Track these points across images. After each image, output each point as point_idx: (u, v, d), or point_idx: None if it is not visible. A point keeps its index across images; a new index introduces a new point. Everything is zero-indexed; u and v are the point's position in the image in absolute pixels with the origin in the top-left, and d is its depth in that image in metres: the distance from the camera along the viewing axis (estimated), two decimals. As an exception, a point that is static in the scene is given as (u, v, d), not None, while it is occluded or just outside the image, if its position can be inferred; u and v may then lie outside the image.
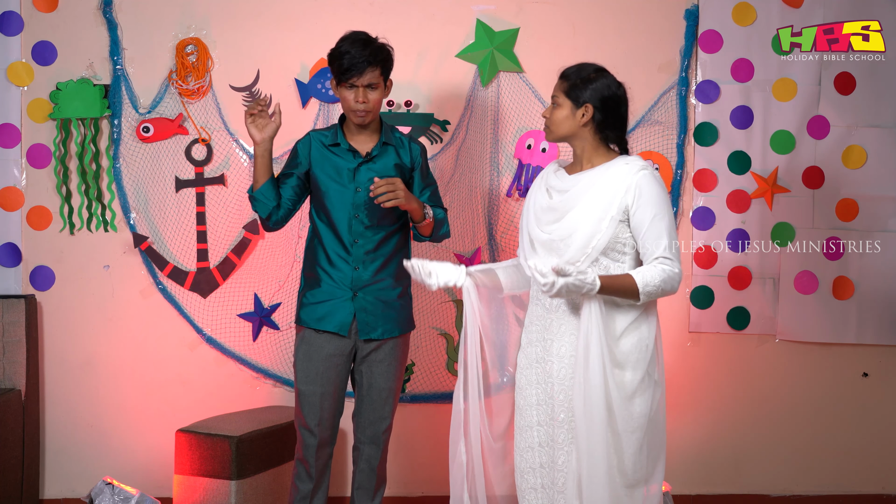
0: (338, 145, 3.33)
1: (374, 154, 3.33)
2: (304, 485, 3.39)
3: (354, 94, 3.24)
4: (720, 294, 4.31)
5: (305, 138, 3.40)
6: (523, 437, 3.00)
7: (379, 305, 3.34)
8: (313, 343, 3.32)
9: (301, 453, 3.37)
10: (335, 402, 3.36)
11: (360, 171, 3.31)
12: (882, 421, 4.36)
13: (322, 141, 3.36)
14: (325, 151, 3.34)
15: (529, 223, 3.00)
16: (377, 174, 3.30)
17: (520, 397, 3.02)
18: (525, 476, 3.00)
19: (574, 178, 2.94)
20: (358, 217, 3.30)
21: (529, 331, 3.01)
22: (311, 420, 3.32)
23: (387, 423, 3.40)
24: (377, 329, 3.33)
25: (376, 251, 3.33)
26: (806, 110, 4.28)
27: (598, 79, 2.92)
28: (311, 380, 3.32)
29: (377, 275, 3.33)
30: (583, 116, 2.92)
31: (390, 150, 3.36)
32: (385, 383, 3.37)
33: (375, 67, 3.24)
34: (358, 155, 3.32)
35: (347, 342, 3.33)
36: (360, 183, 3.30)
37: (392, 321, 3.36)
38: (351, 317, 3.31)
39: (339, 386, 3.36)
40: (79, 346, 4.22)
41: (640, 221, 2.84)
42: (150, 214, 4.21)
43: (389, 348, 3.36)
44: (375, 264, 3.33)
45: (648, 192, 2.83)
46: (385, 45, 3.30)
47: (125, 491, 3.82)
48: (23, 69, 4.17)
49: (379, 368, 3.35)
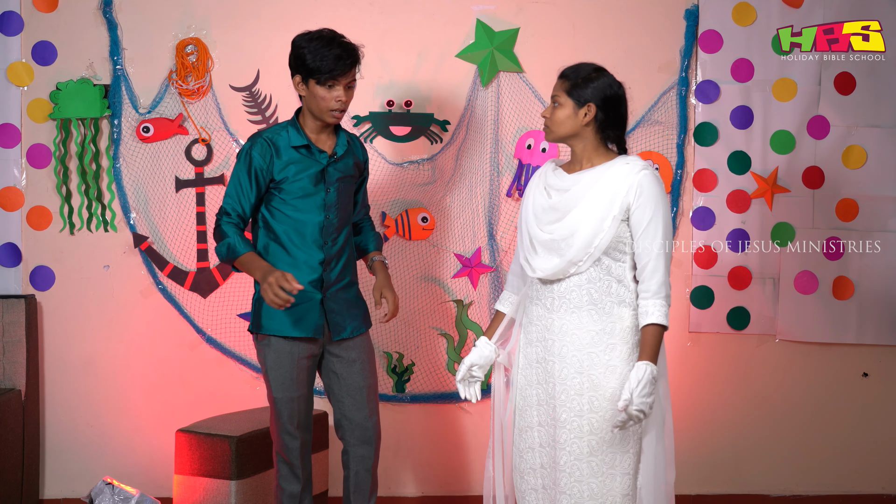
0: (307, 147, 3.23)
1: (339, 154, 3.28)
2: (291, 485, 3.35)
3: (336, 93, 3.16)
4: (720, 294, 4.31)
5: (261, 142, 3.20)
6: (523, 438, 3.00)
7: (344, 304, 3.31)
8: (282, 349, 3.24)
9: (285, 456, 3.32)
10: (309, 401, 3.34)
11: (328, 171, 3.25)
12: (882, 421, 4.36)
13: (283, 142, 3.22)
14: (288, 153, 3.22)
15: (529, 223, 2.99)
16: (342, 173, 3.28)
17: (520, 398, 3.02)
18: (525, 477, 3.00)
19: (574, 177, 2.94)
20: (328, 218, 3.25)
21: (529, 331, 3.00)
22: (291, 424, 3.29)
23: (376, 419, 3.37)
24: (346, 328, 3.31)
25: (342, 250, 3.31)
26: (806, 110, 4.28)
27: (598, 78, 2.92)
28: (286, 387, 3.26)
29: (341, 273, 3.31)
30: (585, 116, 2.91)
31: (349, 148, 3.34)
32: (364, 380, 3.33)
33: (355, 66, 3.20)
34: (325, 155, 3.25)
35: (316, 345, 3.29)
36: (330, 183, 3.25)
37: (357, 318, 3.35)
38: (322, 319, 3.26)
39: (311, 385, 3.33)
40: (79, 346, 4.22)
41: (639, 220, 2.85)
42: (150, 214, 4.21)
43: (358, 346, 3.34)
44: (340, 263, 3.30)
45: (649, 192, 2.84)
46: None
47: (125, 491, 3.81)
48: (23, 69, 4.17)
49: (354, 367, 3.32)
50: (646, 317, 2.83)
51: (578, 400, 2.87)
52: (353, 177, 3.34)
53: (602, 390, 2.85)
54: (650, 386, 2.75)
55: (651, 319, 2.82)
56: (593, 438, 2.85)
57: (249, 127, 4.20)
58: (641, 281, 2.86)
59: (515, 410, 3.03)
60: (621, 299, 2.89)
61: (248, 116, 4.21)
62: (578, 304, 2.89)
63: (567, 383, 2.88)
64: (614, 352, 2.86)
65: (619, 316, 2.88)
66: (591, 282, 2.88)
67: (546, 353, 2.93)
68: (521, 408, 3.01)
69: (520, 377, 3.02)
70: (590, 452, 2.85)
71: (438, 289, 4.27)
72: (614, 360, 2.86)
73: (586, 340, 2.87)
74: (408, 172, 4.24)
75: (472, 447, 4.28)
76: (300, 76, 3.19)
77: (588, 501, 2.85)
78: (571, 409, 2.87)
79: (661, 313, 2.82)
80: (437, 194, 4.25)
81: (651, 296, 2.84)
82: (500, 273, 4.26)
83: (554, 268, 2.89)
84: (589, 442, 2.85)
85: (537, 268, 2.93)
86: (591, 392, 2.86)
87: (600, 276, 2.88)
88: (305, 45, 3.17)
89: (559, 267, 2.88)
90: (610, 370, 2.85)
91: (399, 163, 4.23)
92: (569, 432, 2.87)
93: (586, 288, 2.88)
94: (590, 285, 2.88)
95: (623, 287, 2.89)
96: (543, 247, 2.94)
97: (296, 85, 3.21)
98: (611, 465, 2.85)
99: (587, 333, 2.88)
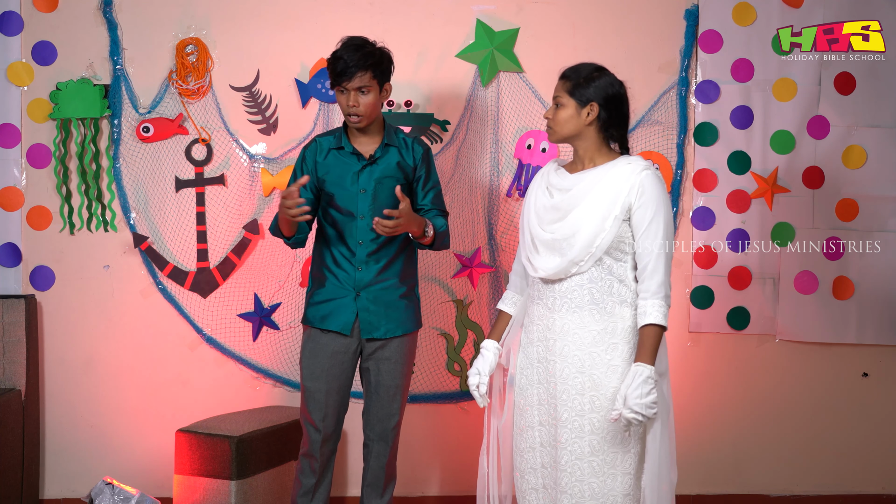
0: (342, 149, 3.37)
1: (376, 156, 3.36)
2: (307, 479, 3.44)
3: (346, 98, 3.26)
4: (720, 294, 4.31)
5: (312, 144, 3.43)
6: (524, 438, 3.00)
7: (381, 305, 3.37)
8: (319, 341, 3.38)
9: (307, 448, 3.42)
10: (339, 398, 3.40)
11: (363, 173, 3.34)
12: (882, 421, 4.36)
13: (327, 145, 3.40)
14: (331, 155, 3.37)
15: (531, 222, 2.99)
16: (380, 175, 3.35)
17: (520, 397, 3.02)
18: (526, 477, 3.00)
19: (577, 176, 2.94)
20: (364, 219, 3.33)
21: (530, 330, 3.01)
22: (315, 416, 3.37)
23: (395, 420, 3.43)
24: (380, 328, 3.37)
25: (378, 252, 3.36)
26: (806, 110, 4.28)
27: (600, 77, 2.93)
28: (315, 376, 3.36)
29: (380, 275, 3.36)
30: (588, 115, 2.92)
31: (392, 150, 3.39)
32: (392, 381, 3.40)
33: (366, 71, 3.23)
34: (361, 157, 3.35)
35: (352, 341, 3.38)
36: (364, 185, 3.33)
37: (395, 321, 3.39)
38: (353, 316, 3.35)
39: (344, 383, 3.40)
40: (79, 346, 4.22)
41: (640, 220, 2.85)
42: (150, 214, 4.21)
43: (395, 346, 3.40)
44: (378, 265, 3.36)
45: (651, 192, 2.85)
46: (381, 49, 3.30)
47: (125, 491, 3.81)
48: (23, 69, 4.17)
49: (386, 366, 3.39)
50: (644, 317, 2.83)
51: (580, 399, 2.87)
52: (394, 178, 3.37)
53: (603, 390, 2.85)
54: (646, 387, 2.75)
55: (650, 320, 2.82)
56: (594, 438, 2.85)
57: (249, 127, 4.20)
58: (641, 281, 2.86)
59: (515, 410, 3.04)
60: (623, 299, 2.89)
61: (248, 116, 4.21)
62: (580, 303, 2.89)
63: (568, 383, 2.88)
64: (616, 351, 2.86)
65: (620, 315, 2.88)
66: (592, 281, 2.88)
67: (547, 353, 2.93)
68: (521, 407, 3.01)
69: (520, 376, 3.03)
70: (591, 452, 2.86)
71: (438, 289, 4.27)
72: (616, 359, 2.86)
73: (588, 340, 2.87)
74: (408, 172, 4.24)
75: (472, 447, 4.27)
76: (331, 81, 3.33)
77: (589, 501, 2.85)
78: (573, 408, 2.87)
79: (660, 314, 2.82)
80: (437, 194, 4.25)
81: (650, 296, 2.84)
82: (500, 273, 4.26)
83: (555, 267, 2.89)
84: (590, 441, 2.86)
85: (539, 267, 2.93)
86: (593, 392, 2.86)
87: (602, 275, 2.88)
88: (334, 51, 3.30)
89: (561, 266, 2.88)
90: (612, 370, 2.86)
91: (399, 163, 4.24)
92: (570, 431, 2.87)
93: (588, 287, 2.88)
94: (591, 285, 2.88)
95: (624, 287, 2.89)
96: (545, 246, 2.94)
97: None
98: (612, 465, 2.85)
99: (589, 333, 2.88)
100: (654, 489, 2.88)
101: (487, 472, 3.11)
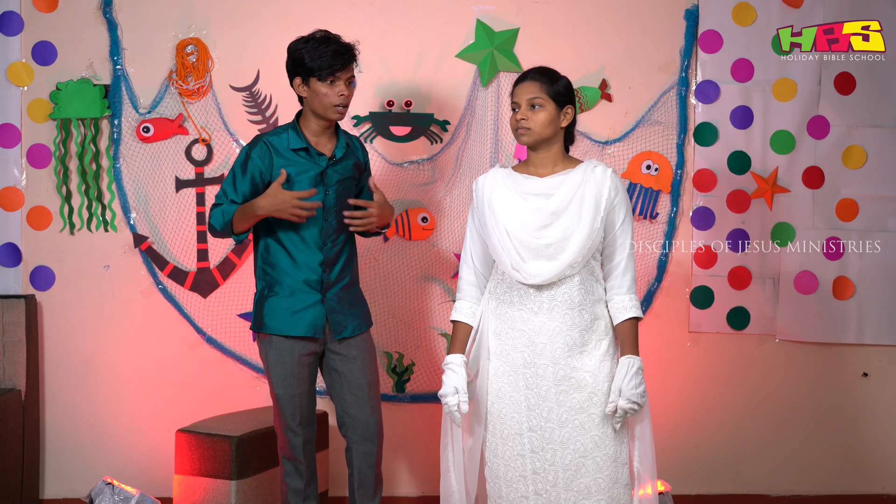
0: (305, 149, 3.26)
1: (338, 156, 3.31)
2: (295, 482, 3.41)
3: (338, 89, 3.20)
4: (720, 294, 4.31)
5: (261, 145, 3.25)
6: (509, 446, 2.97)
7: (345, 304, 3.35)
8: (283, 347, 3.29)
9: (289, 453, 3.38)
10: (310, 400, 3.38)
11: (327, 173, 3.29)
12: (882, 421, 4.36)
13: (281, 145, 3.26)
14: (288, 156, 3.26)
15: (511, 230, 2.95)
16: (341, 175, 3.31)
17: (500, 405, 2.99)
18: (514, 485, 2.97)
19: (550, 181, 2.96)
20: (328, 220, 3.29)
21: (511, 336, 2.98)
22: (293, 421, 3.34)
23: (378, 415, 3.40)
24: (348, 327, 3.35)
25: (341, 251, 3.34)
26: (806, 110, 4.28)
27: (565, 80, 2.99)
28: (287, 383, 3.31)
29: (340, 273, 3.35)
30: (564, 118, 2.97)
31: (349, 150, 3.37)
32: (365, 377, 3.37)
33: (353, 61, 3.25)
34: (324, 157, 3.28)
35: (318, 343, 3.33)
36: (329, 186, 3.29)
37: (358, 318, 3.39)
38: (323, 319, 3.30)
39: (312, 384, 3.38)
40: (79, 346, 4.22)
41: (615, 220, 2.95)
42: (150, 214, 4.21)
43: (359, 344, 3.37)
44: (339, 263, 3.34)
45: (622, 193, 2.96)
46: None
47: (125, 491, 3.82)
48: (23, 69, 4.17)
49: (355, 365, 3.36)
50: (625, 311, 2.94)
51: (577, 396, 2.90)
52: (353, 178, 3.37)
53: (598, 385, 2.91)
54: (638, 378, 2.86)
55: (631, 314, 2.94)
56: (596, 434, 2.90)
57: (249, 127, 4.20)
58: (613, 277, 2.97)
59: (491, 418, 2.99)
60: (599, 297, 2.98)
61: (248, 116, 4.21)
62: (570, 304, 2.92)
63: (562, 385, 2.91)
64: (601, 347, 2.93)
65: (600, 313, 2.97)
66: (581, 283, 2.94)
67: (534, 357, 2.94)
68: (502, 415, 2.98)
69: (500, 383, 2.99)
70: (594, 447, 2.90)
71: (438, 289, 4.27)
72: (603, 354, 2.93)
73: (576, 339, 2.92)
74: (408, 172, 4.24)
75: (472, 447, 4.28)
76: (300, 77, 3.23)
77: (595, 495, 2.89)
78: (571, 406, 2.90)
79: (637, 307, 2.96)
80: (437, 194, 4.25)
81: (626, 291, 2.96)
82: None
83: (550, 272, 2.90)
84: (592, 437, 2.90)
85: (531, 274, 2.92)
86: (589, 388, 2.91)
87: (585, 276, 2.95)
88: (302, 46, 3.23)
89: (556, 271, 2.90)
90: (602, 365, 2.92)
91: (399, 163, 4.24)
92: (571, 430, 2.90)
93: (577, 289, 2.93)
94: (579, 286, 2.94)
95: (599, 285, 2.99)
96: (533, 253, 2.93)
97: (296, 87, 3.26)
98: (614, 458, 2.91)
99: (576, 332, 2.92)
100: (647, 469, 2.96)
101: (451, 465, 3.05)
